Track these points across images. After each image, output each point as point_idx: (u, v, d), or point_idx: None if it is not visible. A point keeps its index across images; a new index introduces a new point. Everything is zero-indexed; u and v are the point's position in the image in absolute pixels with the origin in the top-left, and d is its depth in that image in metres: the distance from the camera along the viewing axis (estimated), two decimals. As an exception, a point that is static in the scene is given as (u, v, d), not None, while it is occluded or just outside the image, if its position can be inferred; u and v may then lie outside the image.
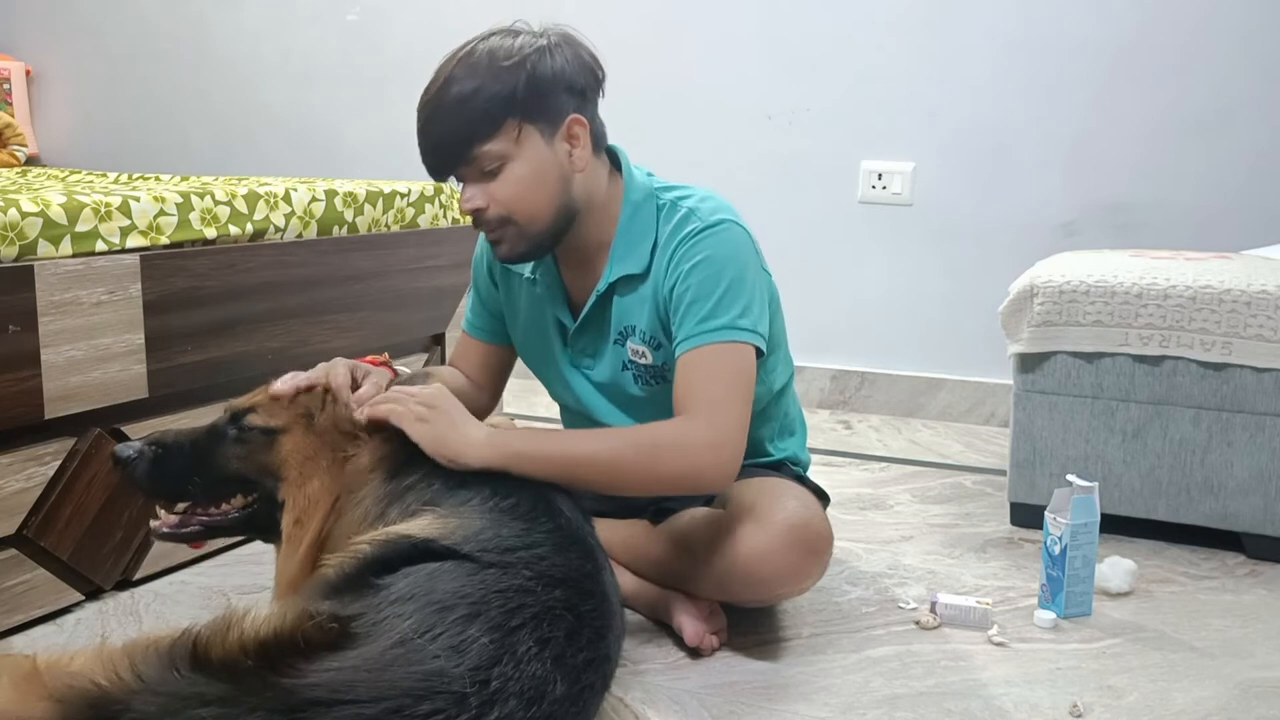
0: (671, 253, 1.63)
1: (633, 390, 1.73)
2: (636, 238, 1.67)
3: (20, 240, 1.68)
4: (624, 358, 1.72)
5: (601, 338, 1.73)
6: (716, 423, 1.54)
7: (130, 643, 1.12)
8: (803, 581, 1.66)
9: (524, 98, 1.53)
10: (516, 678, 1.15)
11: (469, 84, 1.53)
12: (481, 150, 1.55)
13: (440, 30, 3.66)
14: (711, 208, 1.65)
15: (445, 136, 1.56)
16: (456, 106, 1.53)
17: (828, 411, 3.26)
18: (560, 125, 1.58)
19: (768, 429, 1.84)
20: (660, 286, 1.64)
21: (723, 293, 1.59)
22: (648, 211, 1.68)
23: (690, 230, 1.62)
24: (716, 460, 1.54)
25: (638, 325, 1.68)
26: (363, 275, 2.33)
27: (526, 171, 1.57)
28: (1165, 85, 2.88)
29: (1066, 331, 2.17)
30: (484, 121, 1.53)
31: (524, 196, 1.58)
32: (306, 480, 1.51)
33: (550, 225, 1.62)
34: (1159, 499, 2.17)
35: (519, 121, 1.55)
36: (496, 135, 1.54)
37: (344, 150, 3.75)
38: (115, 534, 1.85)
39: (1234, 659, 1.71)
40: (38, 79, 4.15)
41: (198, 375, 1.96)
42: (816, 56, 3.19)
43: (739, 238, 1.64)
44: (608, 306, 1.70)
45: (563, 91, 1.57)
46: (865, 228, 3.21)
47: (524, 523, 1.38)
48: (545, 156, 1.58)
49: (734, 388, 1.57)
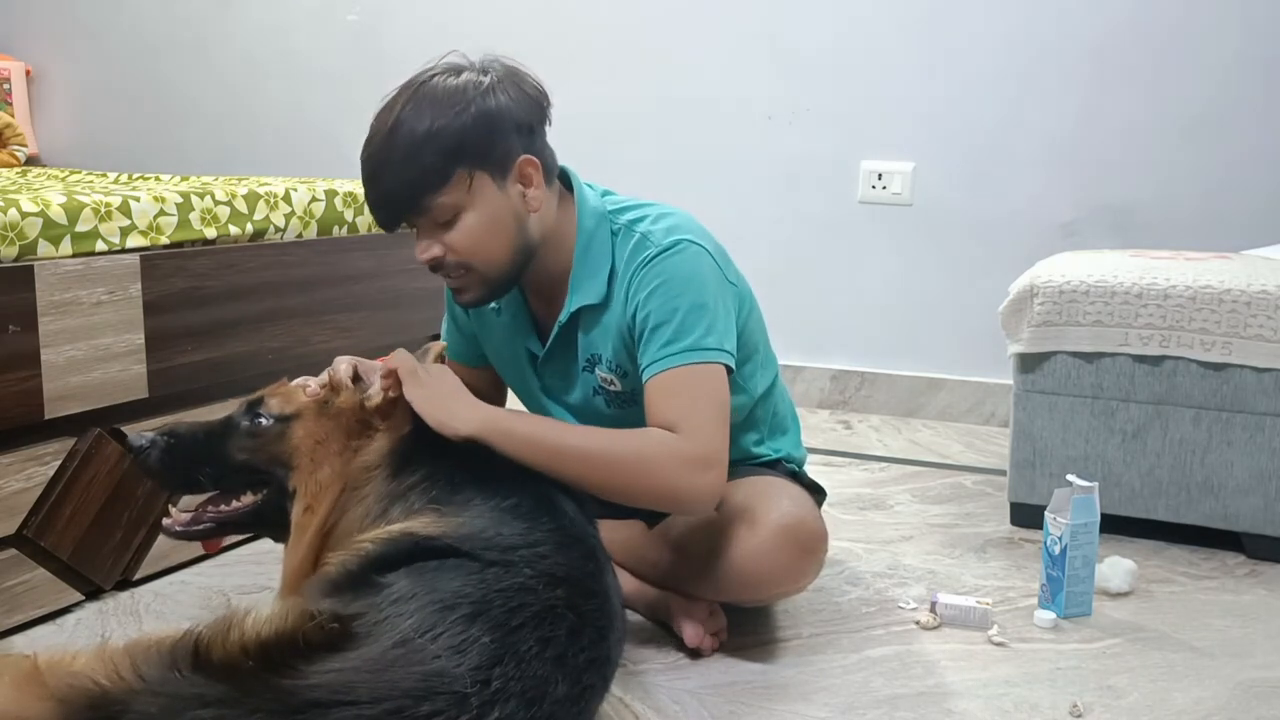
0: (629, 280, 1.60)
1: (604, 411, 1.71)
2: (593, 267, 1.63)
3: (20, 240, 1.68)
4: (594, 384, 1.70)
5: (570, 365, 1.71)
6: (702, 440, 1.51)
7: (132, 643, 1.13)
8: (799, 581, 1.66)
9: (472, 145, 1.50)
10: (518, 677, 1.15)
11: (415, 131, 1.49)
12: (433, 202, 1.51)
13: (440, 30, 3.68)
14: (666, 228, 1.61)
15: (394, 190, 1.52)
16: (404, 159, 1.50)
17: (828, 411, 3.26)
18: (511, 168, 1.55)
19: (756, 432, 1.83)
20: (623, 316, 1.61)
21: (684, 315, 1.55)
22: (602, 238, 1.64)
23: (645, 256, 1.59)
24: (704, 480, 1.51)
25: (603, 355, 1.65)
26: (363, 275, 2.33)
27: (481, 220, 1.53)
28: (1165, 85, 2.88)
29: (1066, 331, 2.17)
30: (433, 173, 1.50)
31: (480, 244, 1.55)
32: (318, 467, 1.51)
33: (509, 268, 1.59)
34: (1159, 499, 2.17)
35: (469, 170, 1.51)
36: (446, 186, 1.51)
37: (344, 150, 3.73)
38: (115, 534, 1.85)
39: (1234, 659, 1.71)
40: (38, 79, 4.15)
41: (198, 375, 1.96)
42: (816, 56, 3.19)
43: (696, 257, 1.59)
44: (572, 336, 1.68)
45: (511, 132, 1.53)
46: (865, 228, 3.20)
47: (526, 522, 1.37)
48: (498, 202, 1.54)
49: (710, 407, 1.54)
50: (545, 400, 1.78)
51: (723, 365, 1.56)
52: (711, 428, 1.53)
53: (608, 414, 1.71)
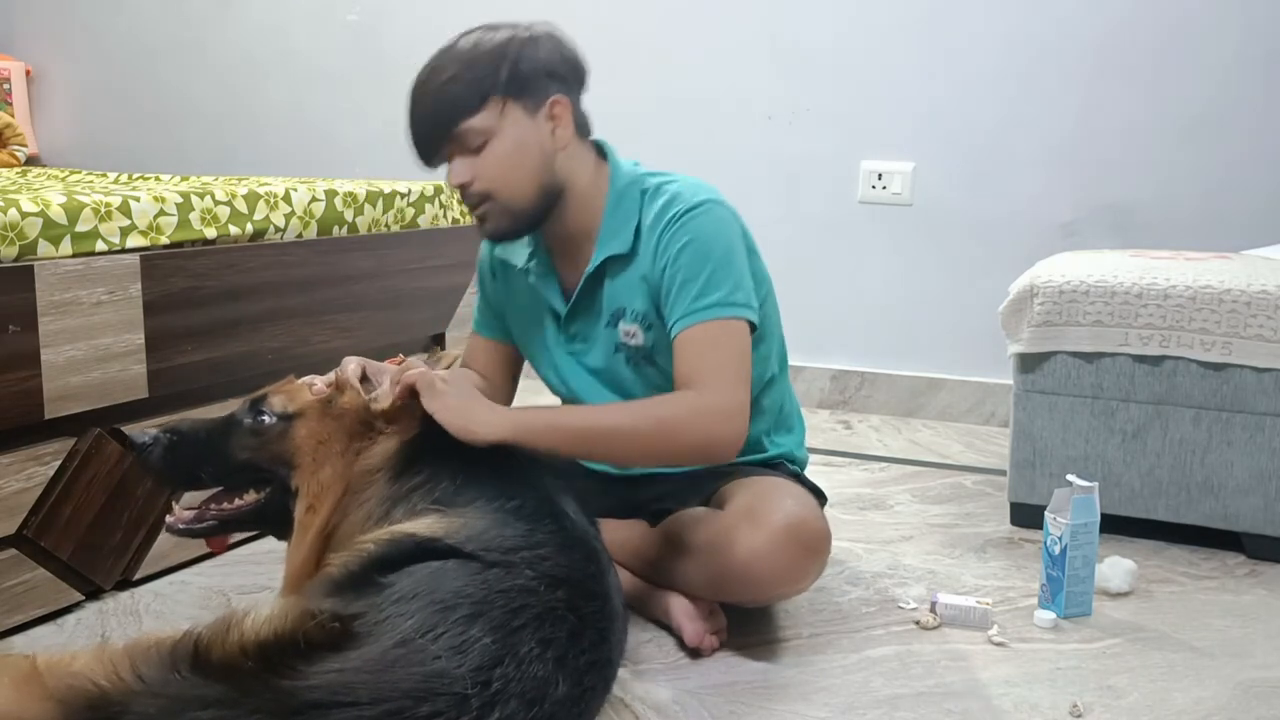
0: (659, 236, 1.67)
1: (624, 373, 1.75)
2: (622, 220, 1.70)
3: (20, 240, 1.68)
4: (616, 340, 1.74)
5: (593, 321, 1.75)
6: (724, 392, 1.59)
7: (131, 643, 1.13)
8: (801, 581, 1.66)
9: (507, 78, 1.60)
10: (518, 678, 1.15)
11: (452, 69, 1.61)
12: (466, 126, 1.60)
13: (440, 30, 3.65)
14: (693, 189, 1.69)
15: (430, 116, 1.63)
16: (440, 89, 1.61)
17: (828, 411, 3.26)
18: (543, 104, 1.63)
19: (763, 422, 1.84)
20: (651, 270, 1.68)
21: (711, 271, 1.63)
22: (632, 195, 1.72)
23: (675, 213, 1.66)
24: (729, 429, 1.59)
25: (630, 306, 1.71)
26: (363, 275, 2.33)
27: (509, 147, 1.62)
28: (1165, 85, 2.88)
29: (1066, 331, 2.17)
30: (468, 98, 1.60)
31: (507, 172, 1.63)
32: (320, 466, 1.52)
33: (532, 202, 1.66)
34: (1159, 499, 2.17)
35: (502, 98, 1.60)
36: (480, 111, 1.60)
37: (344, 150, 3.75)
38: (115, 534, 1.85)
39: (1234, 659, 1.71)
40: (38, 79, 4.15)
41: (198, 375, 1.96)
42: (816, 56, 3.19)
43: (723, 216, 1.68)
44: (598, 289, 1.73)
45: (545, 76, 1.63)
46: (865, 228, 3.20)
47: (528, 523, 1.37)
48: (527, 132, 1.63)
49: (734, 361, 1.61)
50: (563, 361, 1.80)
51: (746, 321, 1.64)
52: (733, 381, 1.60)
53: (627, 375, 1.75)
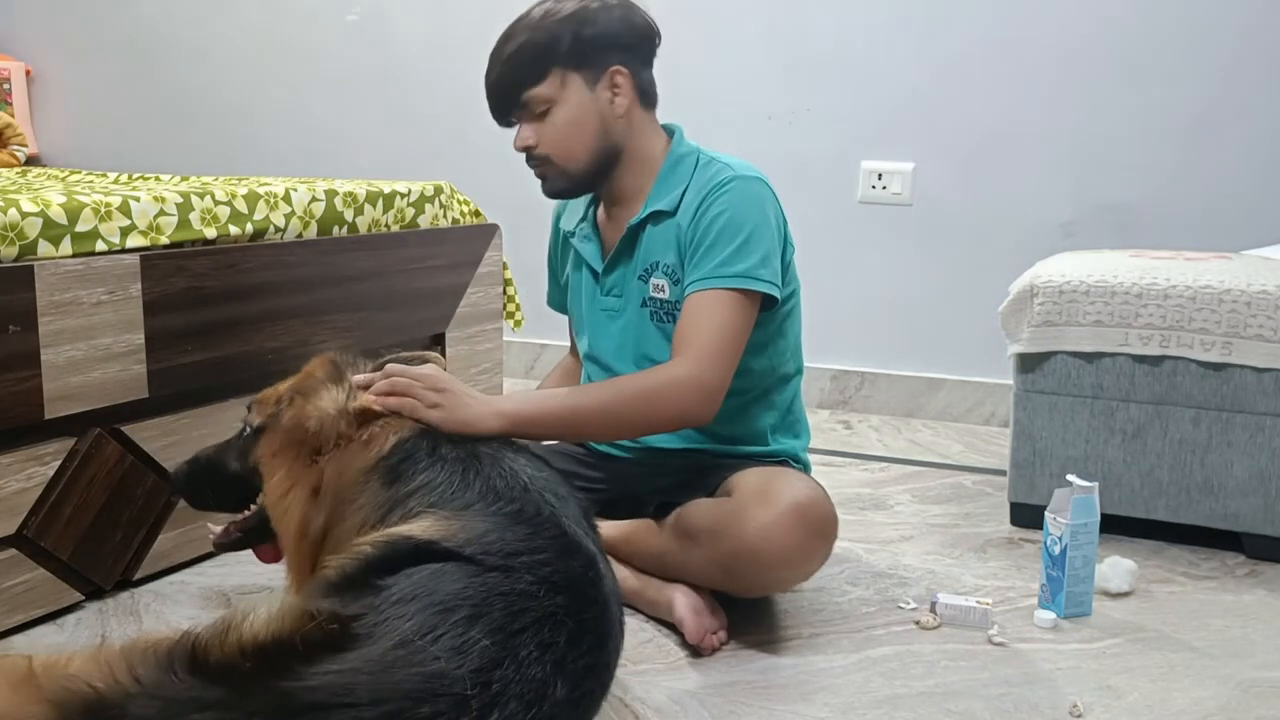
0: (702, 197, 1.74)
1: (649, 330, 1.81)
2: (675, 182, 1.79)
3: (20, 240, 1.68)
4: (645, 294, 1.81)
5: (629, 274, 1.84)
6: (706, 367, 1.65)
7: (128, 644, 1.12)
8: (808, 563, 1.67)
9: (568, 49, 1.71)
10: (517, 680, 1.14)
11: (521, 38, 1.73)
12: (529, 95, 1.73)
13: (440, 30, 3.68)
14: (745, 167, 1.78)
15: (499, 85, 1.75)
16: (509, 58, 1.73)
17: (828, 411, 3.26)
18: (603, 75, 1.74)
19: (771, 416, 1.86)
20: (687, 227, 1.75)
21: (743, 240, 1.69)
22: (686, 164, 1.81)
23: (722, 180, 1.74)
24: (703, 400, 1.66)
25: (662, 260, 1.79)
26: (363, 275, 2.33)
27: (569, 116, 1.74)
28: (1165, 85, 2.88)
29: (1066, 331, 2.17)
30: (531, 70, 1.72)
31: (565, 138, 1.75)
32: (273, 473, 1.55)
33: (588, 166, 1.78)
34: (1159, 499, 2.17)
35: (563, 70, 1.72)
36: (541, 82, 1.72)
37: (344, 150, 3.75)
38: (115, 534, 1.85)
39: (1234, 659, 1.71)
40: (38, 79, 4.15)
41: (198, 375, 1.96)
42: (816, 56, 3.19)
43: (766, 195, 1.75)
44: (637, 242, 1.81)
45: (609, 46, 1.74)
46: (865, 228, 3.20)
47: (528, 528, 1.36)
48: (585, 102, 1.74)
49: (730, 338, 1.67)
50: (597, 328, 1.88)
51: (764, 295, 1.71)
52: (721, 357, 1.67)
53: (652, 333, 1.81)
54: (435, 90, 3.61)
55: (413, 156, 3.61)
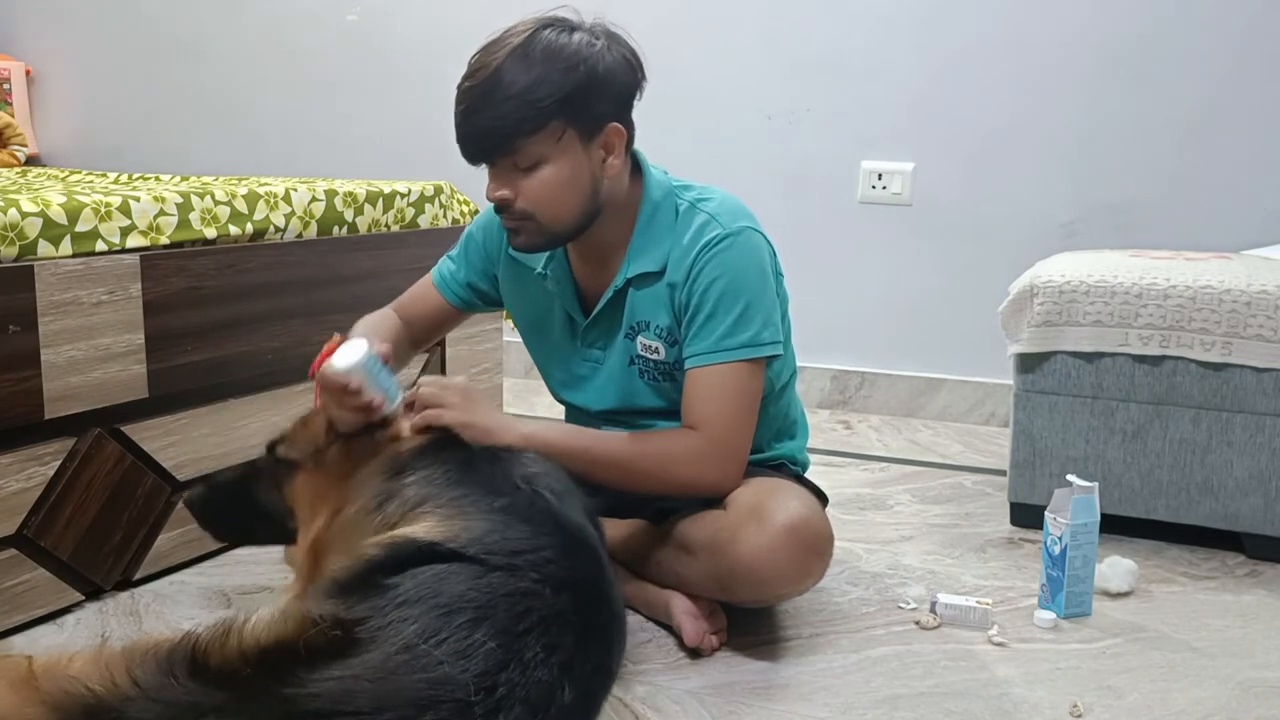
0: (693, 259, 1.65)
1: (637, 385, 1.75)
2: (655, 238, 1.69)
3: (20, 240, 1.68)
4: (632, 352, 1.74)
5: (612, 332, 1.75)
6: (728, 442, 1.63)
7: (129, 646, 1.11)
8: (804, 581, 1.66)
9: (572, 101, 1.55)
10: (523, 684, 1.13)
11: (523, 78, 1.53)
12: (522, 146, 1.55)
13: (440, 30, 3.67)
14: (731, 212, 1.68)
15: (490, 127, 1.55)
16: (506, 99, 1.53)
17: (828, 411, 3.26)
18: (600, 132, 1.60)
19: (767, 429, 1.84)
20: (680, 291, 1.66)
21: (743, 309, 1.63)
22: (667, 210, 1.70)
23: (712, 238, 1.65)
24: (724, 475, 1.65)
25: (653, 321, 1.70)
26: (363, 275, 2.33)
27: (560, 175, 1.59)
28: (1165, 85, 2.88)
29: (1066, 331, 2.17)
30: (530, 119, 1.53)
31: (553, 198, 1.60)
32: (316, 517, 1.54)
33: (571, 226, 1.65)
34: (1159, 499, 2.17)
35: (563, 124, 1.56)
36: (539, 134, 1.55)
37: (344, 150, 3.75)
38: (115, 534, 1.85)
39: (1234, 659, 1.71)
40: (38, 79, 4.15)
41: (198, 375, 1.96)
42: (816, 56, 3.18)
43: (758, 247, 1.68)
44: (622, 302, 1.72)
45: (609, 99, 1.60)
46: (865, 228, 3.20)
47: (531, 525, 1.35)
48: (580, 162, 1.60)
49: (746, 409, 1.65)
50: (578, 368, 1.81)
51: (769, 358, 1.67)
52: (741, 430, 1.65)
53: (640, 387, 1.75)
54: (435, 90, 3.57)
55: (413, 156, 3.60)
